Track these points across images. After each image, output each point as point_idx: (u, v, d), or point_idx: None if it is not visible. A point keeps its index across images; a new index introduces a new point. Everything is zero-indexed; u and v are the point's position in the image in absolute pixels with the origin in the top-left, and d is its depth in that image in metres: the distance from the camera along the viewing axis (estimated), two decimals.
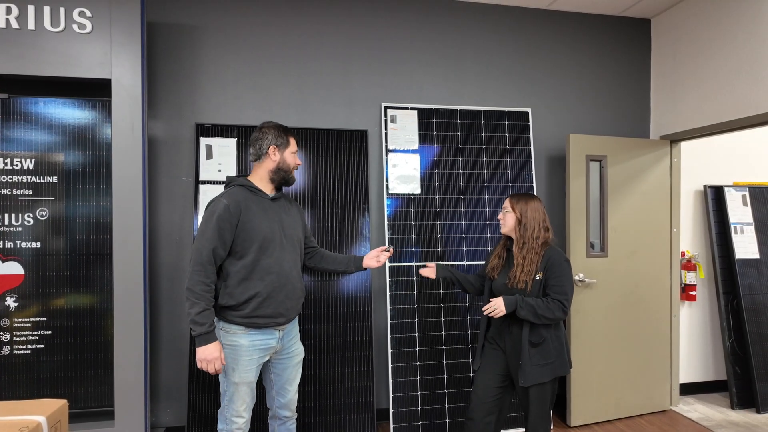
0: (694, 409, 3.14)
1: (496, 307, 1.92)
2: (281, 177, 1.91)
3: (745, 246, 3.29)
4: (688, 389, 3.35)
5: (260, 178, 1.90)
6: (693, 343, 3.36)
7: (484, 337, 2.13)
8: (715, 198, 3.35)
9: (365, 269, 2.17)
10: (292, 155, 1.93)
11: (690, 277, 3.25)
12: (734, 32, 2.67)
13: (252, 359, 1.81)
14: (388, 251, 2.14)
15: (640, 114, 3.29)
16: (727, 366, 3.18)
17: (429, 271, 2.29)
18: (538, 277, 1.95)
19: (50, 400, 1.33)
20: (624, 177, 3.00)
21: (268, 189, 1.91)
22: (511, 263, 2.05)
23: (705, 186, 3.35)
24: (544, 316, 1.88)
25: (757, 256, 3.30)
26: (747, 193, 3.39)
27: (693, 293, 3.26)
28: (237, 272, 1.78)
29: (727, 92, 2.72)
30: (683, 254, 3.30)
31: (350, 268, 2.15)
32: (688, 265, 3.27)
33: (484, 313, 1.97)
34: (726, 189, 3.35)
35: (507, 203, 2.06)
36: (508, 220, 2.04)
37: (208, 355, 1.70)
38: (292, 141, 1.94)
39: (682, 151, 3.24)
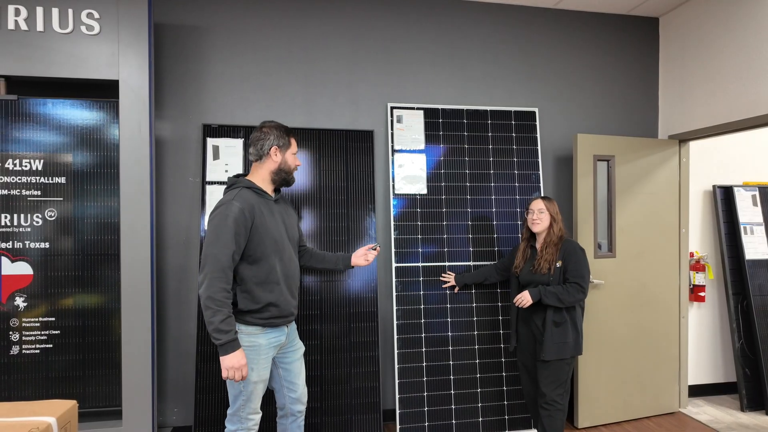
0: (704, 411, 3.11)
1: (524, 298, 2.24)
2: (282, 178, 1.91)
3: (755, 246, 3.26)
4: (697, 391, 3.32)
5: (261, 179, 1.88)
6: (702, 344, 3.33)
7: (516, 321, 2.44)
8: (724, 198, 3.32)
9: (353, 267, 2.21)
10: (293, 156, 1.93)
11: (699, 278, 3.22)
12: (743, 30, 2.64)
13: (269, 357, 1.86)
14: (376, 249, 2.17)
15: (648, 113, 3.26)
16: (737, 368, 3.14)
17: (450, 280, 2.70)
18: (558, 264, 2.26)
19: (60, 401, 1.33)
20: (632, 177, 2.97)
21: (269, 190, 1.90)
22: (534, 257, 2.34)
23: (714, 186, 3.32)
24: (566, 299, 2.19)
25: (767, 256, 3.26)
26: (757, 193, 3.36)
27: (702, 294, 3.22)
28: (252, 277, 1.78)
29: (737, 91, 2.69)
30: (692, 255, 3.27)
31: (339, 266, 2.18)
32: (697, 266, 3.24)
33: (515, 304, 2.29)
34: (735, 189, 3.31)
35: (542, 205, 2.33)
36: (544, 221, 2.32)
37: (235, 363, 1.69)
38: (293, 142, 1.94)
39: (691, 150, 3.21)
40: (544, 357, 2.21)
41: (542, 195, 2.36)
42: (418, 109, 2.87)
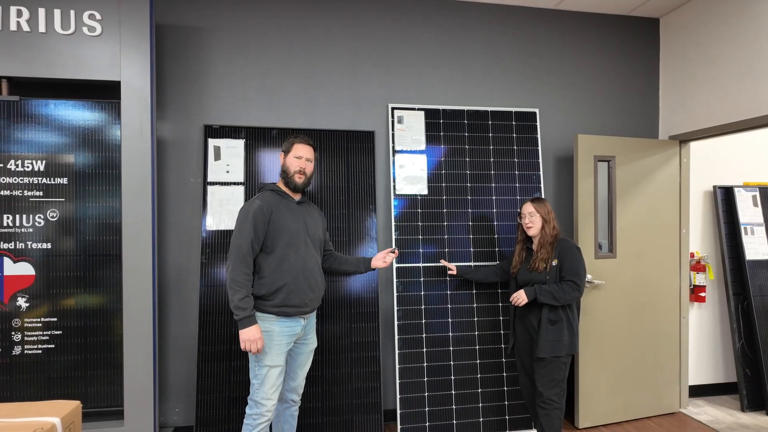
0: (704, 411, 3.11)
1: (519, 297, 2.27)
2: (287, 180, 2.09)
3: (756, 247, 3.26)
4: (698, 391, 3.32)
5: (283, 184, 2.12)
6: (702, 344, 3.34)
7: (513, 321, 2.45)
8: (725, 198, 3.32)
9: (374, 269, 2.34)
10: (293, 159, 2.09)
11: (699, 279, 3.22)
12: (744, 30, 2.64)
13: (282, 344, 2.00)
14: (394, 252, 2.29)
15: (648, 114, 3.27)
16: (738, 368, 3.15)
17: (451, 267, 2.66)
18: (554, 263, 2.28)
19: (64, 402, 1.34)
20: (632, 177, 2.98)
21: (291, 193, 2.11)
22: (530, 258, 2.36)
23: (715, 186, 3.32)
24: (561, 297, 2.21)
25: (767, 257, 3.26)
26: (757, 194, 3.36)
27: (702, 294, 3.23)
28: (268, 265, 1.99)
29: (738, 91, 2.69)
30: (692, 255, 3.27)
31: (360, 269, 2.33)
32: (698, 266, 3.24)
33: (511, 302, 2.33)
34: (736, 189, 3.31)
35: (532, 209, 2.34)
36: (536, 223, 2.32)
37: (251, 336, 1.89)
38: (296, 146, 2.10)
39: (692, 151, 3.22)
40: (538, 354, 2.24)
41: (533, 197, 2.42)
42: (419, 109, 2.87)
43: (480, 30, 3.02)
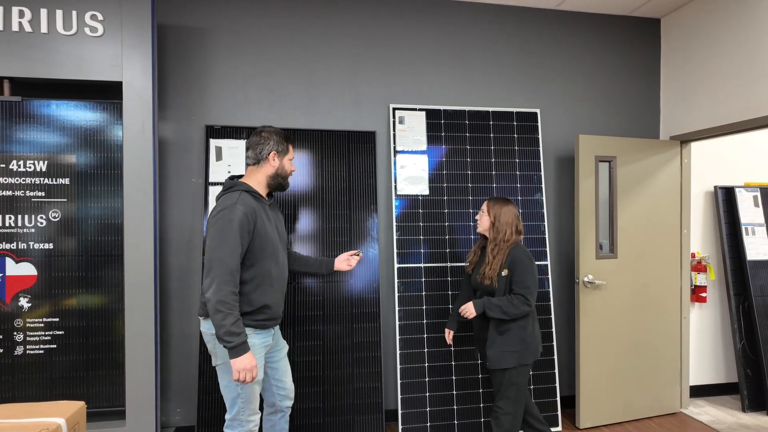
0: (705, 411, 3.11)
1: (467, 310, 2.13)
2: (278, 183, 1.93)
3: (757, 247, 3.26)
4: (699, 391, 3.32)
5: (258, 183, 1.89)
6: (703, 345, 3.34)
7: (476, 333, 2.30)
8: (725, 199, 3.32)
9: (335, 272, 2.26)
10: (289, 162, 1.95)
11: (700, 279, 3.22)
12: (746, 30, 2.65)
13: (262, 357, 1.87)
14: (358, 255, 2.21)
15: (649, 114, 3.27)
16: (738, 368, 3.15)
17: (449, 336, 2.42)
18: (503, 273, 2.11)
19: (68, 402, 1.34)
20: (633, 178, 2.98)
21: (264, 194, 1.92)
22: (484, 260, 2.21)
23: (716, 187, 3.32)
24: (510, 311, 2.06)
25: None
26: (758, 194, 3.36)
27: (703, 295, 3.23)
28: (250, 279, 1.79)
29: (739, 92, 2.69)
30: (693, 255, 3.28)
31: (322, 270, 2.19)
32: (699, 267, 3.25)
33: (460, 314, 2.17)
34: (737, 190, 3.32)
35: (484, 206, 2.23)
36: (483, 222, 2.22)
37: (247, 365, 1.69)
38: (291, 148, 1.96)
39: (692, 151, 3.22)
40: (489, 366, 2.11)
41: (496, 197, 2.26)
42: (420, 110, 2.87)
43: (481, 30, 3.02)
